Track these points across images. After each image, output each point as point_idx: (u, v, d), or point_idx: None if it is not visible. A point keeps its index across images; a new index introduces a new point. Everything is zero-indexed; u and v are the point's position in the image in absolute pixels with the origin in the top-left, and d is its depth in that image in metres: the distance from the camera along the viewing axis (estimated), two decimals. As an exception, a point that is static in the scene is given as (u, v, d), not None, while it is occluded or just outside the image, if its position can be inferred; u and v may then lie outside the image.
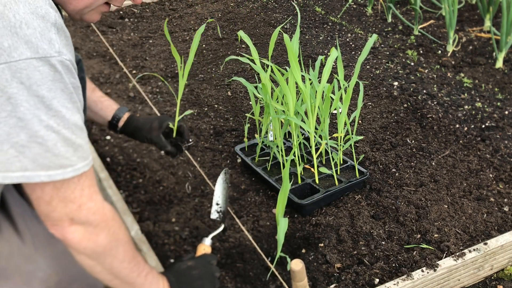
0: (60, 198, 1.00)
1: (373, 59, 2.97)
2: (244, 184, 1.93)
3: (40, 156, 0.93)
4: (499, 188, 1.84)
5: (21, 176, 0.94)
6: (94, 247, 1.09)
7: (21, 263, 1.15)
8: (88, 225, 1.06)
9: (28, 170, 0.94)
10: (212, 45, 3.28)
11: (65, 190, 1.00)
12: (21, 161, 0.92)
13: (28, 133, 0.91)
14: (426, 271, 1.43)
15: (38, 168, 0.94)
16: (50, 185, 0.98)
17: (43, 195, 0.99)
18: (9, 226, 1.17)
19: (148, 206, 1.83)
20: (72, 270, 1.25)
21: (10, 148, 0.91)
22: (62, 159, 0.96)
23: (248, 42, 1.76)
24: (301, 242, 1.65)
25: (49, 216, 1.04)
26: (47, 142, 0.93)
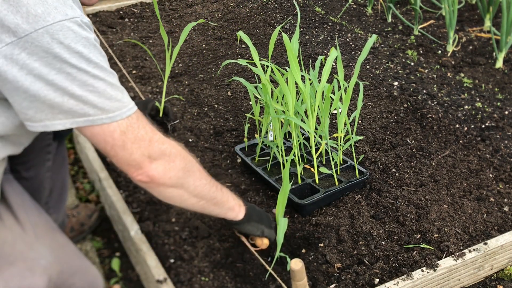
0: (131, 140, 1.11)
1: (373, 59, 2.97)
2: (244, 184, 1.93)
3: (96, 102, 1.04)
4: (499, 188, 1.84)
5: (86, 120, 1.05)
6: (176, 173, 1.19)
7: (25, 250, 1.17)
8: (163, 156, 1.17)
9: (90, 115, 1.05)
10: (212, 45, 3.28)
11: (131, 131, 1.11)
12: (83, 108, 1.04)
13: (79, 84, 1.02)
14: (426, 271, 1.43)
15: (98, 112, 1.05)
16: (117, 130, 1.09)
17: (116, 141, 1.09)
18: (10, 215, 1.20)
19: (148, 206, 1.83)
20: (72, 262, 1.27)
21: (70, 99, 1.02)
22: (115, 101, 1.07)
23: (248, 42, 1.76)
24: (301, 242, 1.65)
25: (130, 162, 1.13)
26: (98, 89, 1.05)
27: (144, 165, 1.14)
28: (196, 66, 2.98)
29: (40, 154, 1.44)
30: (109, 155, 1.13)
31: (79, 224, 1.83)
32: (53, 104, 1.02)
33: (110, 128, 1.08)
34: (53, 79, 1.00)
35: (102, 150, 1.13)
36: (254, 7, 3.96)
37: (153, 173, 1.16)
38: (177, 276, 1.52)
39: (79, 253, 1.33)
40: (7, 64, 0.97)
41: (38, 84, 0.99)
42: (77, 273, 1.28)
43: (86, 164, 2.16)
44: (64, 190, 1.61)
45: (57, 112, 1.03)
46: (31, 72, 0.98)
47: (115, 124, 1.09)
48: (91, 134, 1.09)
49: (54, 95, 1.01)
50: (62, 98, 1.02)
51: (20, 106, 1.03)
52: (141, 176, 1.16)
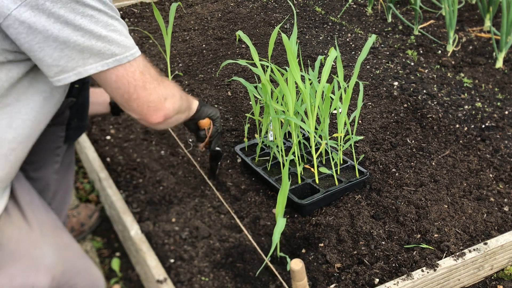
0: (148, 80, 1.20)
1: (373, 59, 2.97)
2: (244, 184, 1.93)
3: (119, 40, 1.11)
4: (499, 188, 1.84)
5: (115, 60, 1.11)
6: (178, 104, 1.33)
7: (29, 248, 1.18)
8: (169, 93, 1.28)
9: (117, 55, 1.11)
10: (212, 45, 3.29)
11: (147, 72, 1.20)
12: (110, 49, 1.10)
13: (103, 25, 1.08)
14: (426, 271, 1.43)
15: (123, 51, 1.12)
16: (137, 71, 1.16)
17: (137, 82, 1.17)
18: (18, 212, 1.21)
19: (148, 206, 1.83)
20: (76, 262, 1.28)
21: (98, 41, 1.07)
22: (130, 39, 1.15)
23: (247, 42, 1.76)
24: (301, 242, 1.65)
25: (150, 104, 1.22)
26: (117, 28, 1.11)
27: (161, 105, 1.25)
28: (196, 66, 2.98)
29: (50, 156, 1.44)
30: (131, 98, 1.19)
31: (79, 224, 1.83)
32: (83, 49, 1.06)
33: (132, 68, 1.15)
34: (79, 24, 1.04)
35: (124, 96, 1.19)
36: (254, 7, 3.96)
37: (166, 112, 1.27)
38: (177, 276, 1.52)
39: (83, 253, 1.34)
40: (35, 15, 1.00)
41: (67, 30, 1.03)
42: (80, 273, 1.29)
43: (86, 164, 2.16)
44: (68, 193, 1.61)
45: (87, 57, 1.07)
46: (58, 20, 1.02)
47: (135, 64, 1.16)
48: (116, 77, 1.14)
49: (83, 40, 1.05)
50: (90, 41, 1.06)
51: (51, 59, 1.05)
52: (159, 117, 1.26)
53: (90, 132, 2.33)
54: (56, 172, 1.48)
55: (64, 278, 1.23)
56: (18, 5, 0.99)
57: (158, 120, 1.26)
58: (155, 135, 2.28)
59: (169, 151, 2.15)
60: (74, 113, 1.41)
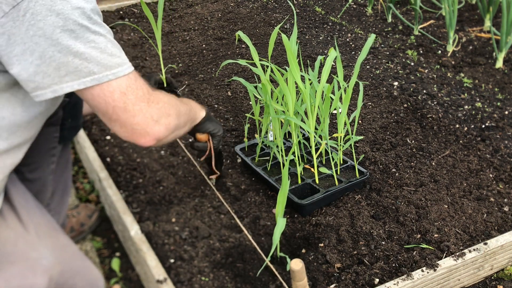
0: (132, 101, 1.12)
1: (373, 59, 2.97)
2: (244, 184, 1.93)
3: (99, 58, 1.06)
4: (499, 188, 1.84)
5: (92, 79, 1.06)
6: (174, 123, 1.26)
7: (26, 250, 1.18)
8: (162, 114, 1.20)
9: (95, 73, 1.06)
10: (212, 45, 3.29)
11: (131, 92, 1.12)
12: (87, 67, 1.05)
13: (82, 41, 1.03)
14: (426, 271, 1.43)
15: (102, 69, 1.06)
16: (116, 91, 1.10)
17: (116, 102, 1.10)
18: (13, 215, 1.21)
19: (148, 206, 1.83)
20: (74, 263, 1.27)
21: (74, 58, 1.03)
22: (116, 57, 1.09)
23: (247, 42, 1.76)
24: (301, 242, 1.65)
25: (134, 126, 1.15)
26: (100, 45, 1.06)
27: (150, 128, 1.17)
28: (196, 66, 2.98)
29: (45, 157, 1.44)
30: (111, 119, 1.13)
31: (79, 224, 1.83)
32: (59, 65, 1.02)
33: (110, 88, 1.09)
34: (57, 38, 1.00)
35: (104, 115, 1.14)
36: (254, 7, 3.96)
37: (158, 135, 1.19)
38: (177, 276, 1.52)
39: (80, 253, 1.33)
40: (15, 26, 0.98)
41: (44, 44, 1.00)
42: (79, 274, 1.28)
43: (86, 164, 2.16)
44: (66, 193, 1.61)
45: (63, 74, 1.04)
46: (36, 33, 0.99)
47: (115, 84, 1.09)
48: (92, 96, 1.09)
49: (59, 55, 1.02)
50: (67, 57, 1.02)
51: (27, 73, 1.02)
52: (148, 141, 1.19)
53: (90, 132, 2.33)
54: (52, 172, 1.48)
55: (62, 279, 1.23)
56: (0, 16, 0.98)
57: (148, 143, 1.19)
58: (155, 135, 2.28)
59: (169, 151, 2.15)
60: (67, 113, 1.41)
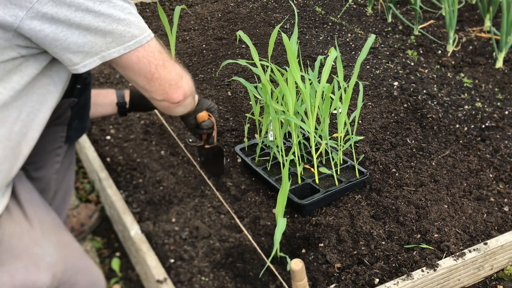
0: (166, 58, 1.25)
1: (373, 59, 2.97)
2: (244, 184, 1.93)
3: (136, 22, 1.15)
4: (499, 188, 1.84)
5: (135, 42, 1.15)
6: (192, 83, 1.38)
7: (30, 246, 1.19)
8: (183, 72, 1.33)
9: (137, 36, 1.15)
10: (212, 45, 3.29)
11: (163, 51, 1.24)
12: (129, 31, 1.14)
13: (120, 9, 1.11)
14: (426, 271, 1.43)
15: (141, 32, 1.16)
16: (155, 50, 1.21)
17: (157, 61, 1.22)
18: (19, 210, 1.22)
19: (148, 206, 1.83)
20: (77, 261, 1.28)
21: (118, 25, 1.11)
22: (143, 22, 1.19)
23: (247, 42, 1.76)
24: (301, 242, 1.65)
25: (171, 82, 1.28)
26: (132, 11, 1.16)
27: (180, 83, 1.29)
28: (196, 66, 2.98)
29: (50, 156, 1.44)
30: (153, 78, 1.23)
31: (79, 224, 1.83)
32: (105, 33, 1.10)
33: (150, 48, 1.19)
34: (99, 10, 1.08)
35: (147, 76, 1.23)
36: (254, 7, 3.96)
37: (185, 89, 1.31)
38: (177, 276, 1.52)
39: (83, 252, 1.34)
40: (56, 5, 1.04)
41: (88, 17, 1.07)
42: (81, 272, 1.29)
43: (86, 164, 2.16)
44: (68, 194, 1.61)
45: (110, 41, 1.11)
46: (79, 8, 1.06)
47: (153, 44, 1.20)
48: (137, 58, 1.18)
49: (104, 24, 1.09)
50: (111, 25, 1.10)
51: (76, 45, 1.09)
52: (180, 95, 1.30)
53: (90, 132, 2.33)
54: (56, 172, 1.49)
55: (65, 277, 1.24)
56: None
57: (179, 98, 1.30)
58: (155, 135, 2.28)
59: (169, 151, 2.15)
60: (75, 114, 1.42)
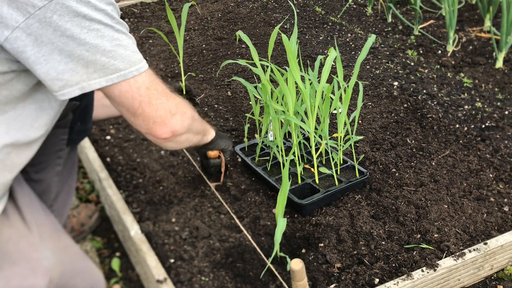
0: (155, 96, 1.19)
1: (373, 59, 2.97)
2: (244, 184, 1.93)
3: (124, 55, 1.11)
4: (499, 188, 1.84)
5: (119, 75, 1.11)
6: (188, 122, 1.32)
7: (28, 250, 1.18)
8: (178, 109, 1.27)
9: (121, 70, 1.11)
10: (212, 45, 3.29)
11: (153, 87, 1.19)
12: (114, 64, 1.09)
13: (108, 39, 1.08)
14: (426, 271, 1.43)
15: (127, 66, 1.11)
16: (142, 86, 1.16)
17: (142, 97, 1.17)
18: (17, 215, 1.21)
19: (148, 206, 1.83)
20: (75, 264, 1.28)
21: (102, 56, 1.07)
22: (137, 54, 1.15)
23: (247, 42, 1.76)
24: (301, 242, 1.65)
25: (156, 119, 1.22)
26: (123, 42, 1.11)
27: (168, 120, 1.24)
28: (196, 66, 2.98)
29: (52, 158, 1.44)
30: (136, 113, 1.19)
31: (79, 224, 1.83)
32: (87, 63, 1.06)
33: (137, 84, 1.15)
34: (85, 38, 1.04)
35: (129, 110, 1.19)
36: (254, 7, 3.96)
37: (174, 127, 1.26)
38: (177, 276, 1.52)
39: (82, 254, 1.34)
40: (42, 28, 1.01)
41: (72, 44, 1.04)
42: (80, 274, 1.29)
43: (86, 164, 2.16)
44: (69, 195, 1.61)
45: (91, 71, 1.07)
46: (64, 33, 1.02)
47: (140, 80, 1.15)
48: (120, 92, 1.14)
49: (87, 54, 1.05)
50: (95, 55, 1.06)
51: (56, 72, 1.05)
52: (166, 133, 1.25)
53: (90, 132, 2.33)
54: (58, 174, 1.48)
55: (63, 280, 1.23)
56: (26, 18, 0.99)
57: (165, 135, 1.25)
58: (155, 135, 2.28)
59: (169, 151, 2.15)
60: (77, 117, 1.42)
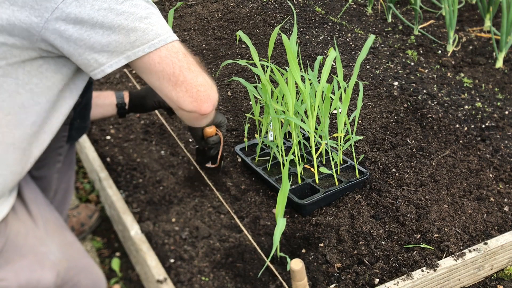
0: (191, 62, 1.20)
1: (373, 59, 2.97)
2: (244, 184, 1.93)
3: (159, 22, 1.14)
4: (499, 188, 1.84)
5: (159, 41, 1.13)
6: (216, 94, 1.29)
7: (36, 244, 1.20)
8: (211, 81, 1.27)
9: (160, 35, 1.13)
10: (212, 45, 3.29)
11: (188, 55, 1.20)
12: (152, 30, 1.12)
13: (142, 8, 1.11)
14: (426, 271, 1.43)
15: (164, 32, 1.14)
16: (179, 52, 1.17)
17: (182, 63, 1.17)
18: (24, 209, 1.23)
19: (148, 206, 1.83)
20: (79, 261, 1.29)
21: (140, 23, 1.10)
22: (166, 23, 1.17)
23: (247, 42, 1.76)
24: (301, 242, 1.65)
25: (199, 87, 1.21)
26: (155, 11, 1.15)
27: (210, 90, 1.23)
28: (196, 66, 2.98)
29: (52, 155, 1.45)
30: (178, 81, 1.18)
31: (79, 224, 1.83)
32: (128, 31, 1.09)
33: (174, 49, 1.16)
34: (121, 8, 1.08)
35: (171, 79, 1.18)
36: (254, 7, 3.96)
37: (214, 100, 1.26)
38: (177, 276, 1.52)
39: (85, 252, 1.35)
40: (79, 5, 1.05)
41: (111, 15, 1.07)
42: (83, 272, 1.30)
43: (86, 164, 2.16)
44: (68, 193, 1.62)
45: (133, 40, 1.10)
46: (101, 7, 1.06)
47: (177, 45, 1.17)
48: (160, 58, 1.15)
49: (127, 22, 1.08)
50: (134, 23, 1.09)
51: (100, 45, 1.08)
52: (210, 105, 1.24)
53: (90, 132, 2.33)
54: (57, 171, 1.49)
55: (68, 275, 1.24)
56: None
57: (209, 109, 1.23)
58: (155, 135, 2.28)
59: (169, 151, 2.15)
60: (77, 114, 1.42)
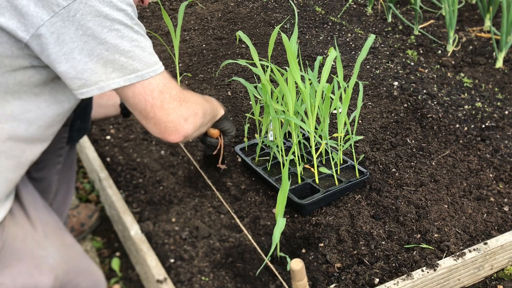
0: (167, 100, 1.19)
1: (373, 59, 2.97)
2: (244, 184, 1.93)
3: (142, 56, 1.11)
4: (499, 188, 1.84)
5: (135, 76, 1.11)
6: (200, 121, 1.32)
7: (34, 248, 1.19)
8: (191, 113, 1.26)
9: (139, 70, 1.11)
10: (212, 45, 3.29)
11: (167, 91, 1.18)
12: (132, 64, 1.10)
13: (127, 40, 1.09)
14: (426, 271, 1.43)
15: (144, 67, 1.12)
16: (155, 89, 1.16)
17: (155, 101, 1.16)
18: (22, 213, 1.22)
19: (148, 206, 1.83)
20: (78, 263, 1.29)
21: (121, 56, 1.08)
22: (154, 56, 1.15)
23: (247, 42, 1.76)
24: (301, 242, 1.65)
25: (168, 124, 1.21)
26: (141, 44, 1.12)
27: (180, 126, 1.23)
28: (196, 66, 2.98)
29: (53, 157, 1.45)
30: (148, 117, 1.19)
31: (79, 224, 1.83)
32: (106, 63, 1.07)
33: (150, 86, 1.15)
34: (105, 37, 1.05)
35: (141, 113, 1.18)
36: (254, 7, 3.96)
37: (186, 133, 1.26)
38: (177, 276, 1.52)
39: (84, 254, 1.34)
40: (64, 26, 1.02)
41: (92, 43, 1.04)
42: (82, 274, 1.29)
43: (86, 164, 2.16)
44: (69, 194, 1.62)
45: (110, 71, 1.08)
46: (85, 32, 1.03)
47: (155, 82, 1.15)
48: (133, 94, 1.14)
49: (107, 53, 1.06)
50: (114, 55, 1.07)
51: (75, 71, 1.06)
52: (177, 138, 1.25)
53: (90, 132, 2.33)
54: (58, 172, 1.49)
55: (67, 278, 1.24)
56: (51, 16, 1.00)
57: (176, 140, 1.26)
58: (155, 135, 2.28)
59: (169, 151, 2.15)
60: (77, 115, 1.42)
